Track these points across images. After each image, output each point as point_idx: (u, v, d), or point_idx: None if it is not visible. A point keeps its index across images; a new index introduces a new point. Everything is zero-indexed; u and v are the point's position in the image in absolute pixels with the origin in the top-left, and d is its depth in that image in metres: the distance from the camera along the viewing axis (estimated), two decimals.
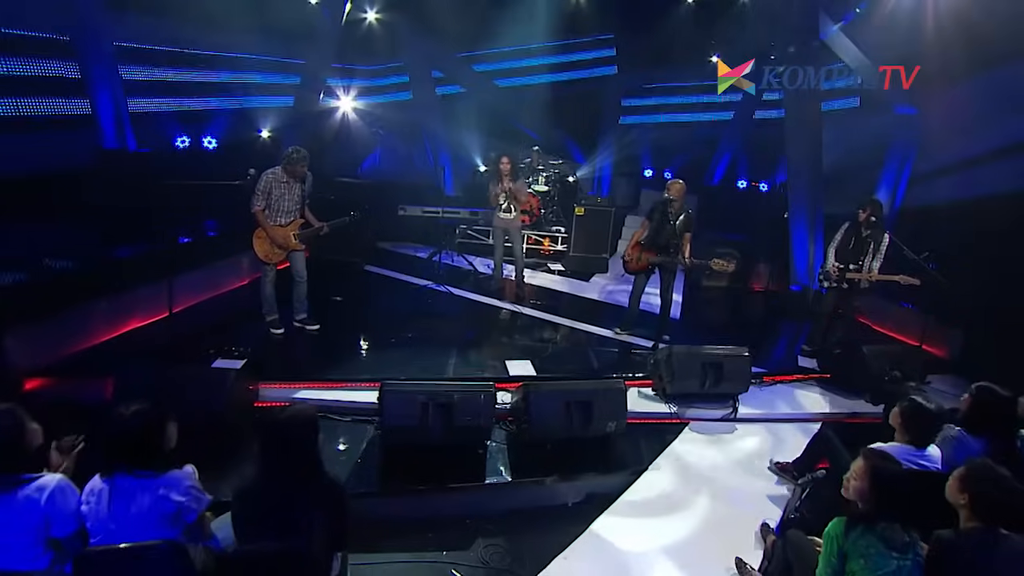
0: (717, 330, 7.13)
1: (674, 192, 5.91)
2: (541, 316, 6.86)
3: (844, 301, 6.22)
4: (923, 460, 3.17)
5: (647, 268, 6.14)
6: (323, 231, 5.64)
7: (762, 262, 8.85)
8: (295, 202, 5.47)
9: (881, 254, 5.94)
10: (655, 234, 6.01)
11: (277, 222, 5.43)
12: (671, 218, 5.92)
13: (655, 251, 6.02)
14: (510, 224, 7.04)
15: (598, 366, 5.66)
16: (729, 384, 5.09)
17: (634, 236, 6.20)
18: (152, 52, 8.05)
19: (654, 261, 6.04)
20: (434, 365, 5.35)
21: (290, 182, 5.38)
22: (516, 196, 6.89)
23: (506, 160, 6.78)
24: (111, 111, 7.29)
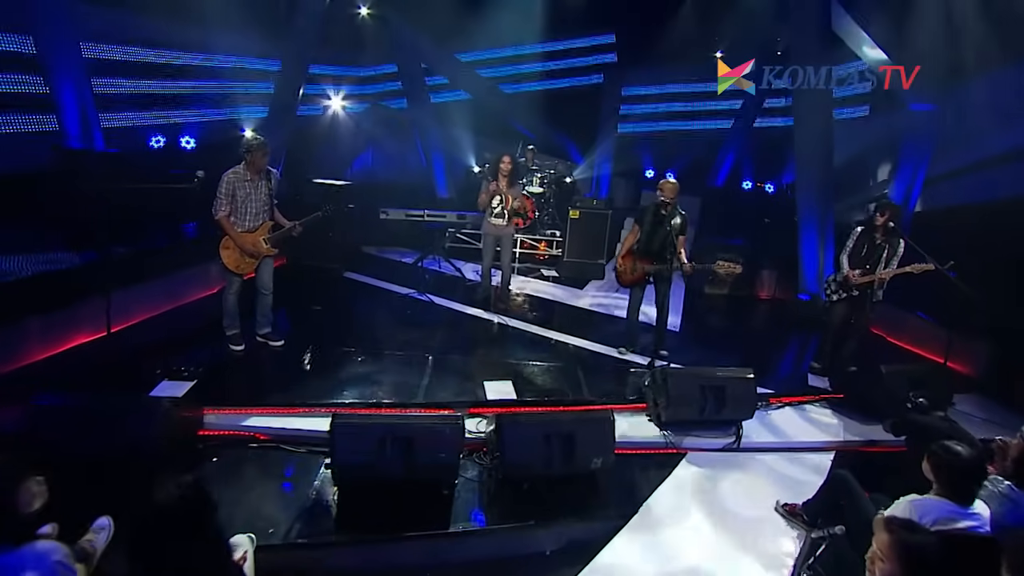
0: (719, 343, 6.55)
1: (667, 192, 5.35)
2: (529, 329, 6.30)
3: (856, 312, 5.63)
4: (969, 520, 2.59)
5: (644, 279, 5.57)
6: (296, 231, 5.11)
7: (768, 269, 8.25)
8: (263, 203, 4.94)
9: (897, 259, 5.36)
10: (648, 240, 5.45)
11: (245, 227, 4.90)
12: (665, 221, 5.35)
13: (650, 259, 5.46)
14: (503, 231, 6.45)
15: (588, 388, 5.08)
16: (731, 410, 4.52)
17: (624, 244, 5.64)
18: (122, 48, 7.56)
19: (650, 270, 5.47)
20: (404, 387, 4.80)
21: (255, 180, 4.85)
22: (512, 202, 6.31)
23: (507, 160, 6.20)
24: (75, 110, 6.80)
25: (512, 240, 6.70)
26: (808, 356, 6.15)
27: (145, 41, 7.76)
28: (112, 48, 7.50)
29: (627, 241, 5.62)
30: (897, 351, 6.64)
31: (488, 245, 6.54)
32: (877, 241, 5.37)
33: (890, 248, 5.33)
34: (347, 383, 4.80)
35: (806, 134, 7.34)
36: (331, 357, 5.21)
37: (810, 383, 5.60)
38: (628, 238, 5.63)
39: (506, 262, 6.63)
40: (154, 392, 4.25)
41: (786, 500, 3.91)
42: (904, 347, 6.71)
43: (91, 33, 7.16)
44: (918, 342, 6.59)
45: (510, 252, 6.66)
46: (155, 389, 4.28)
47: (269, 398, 4.49)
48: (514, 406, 4.65)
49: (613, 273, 5.84)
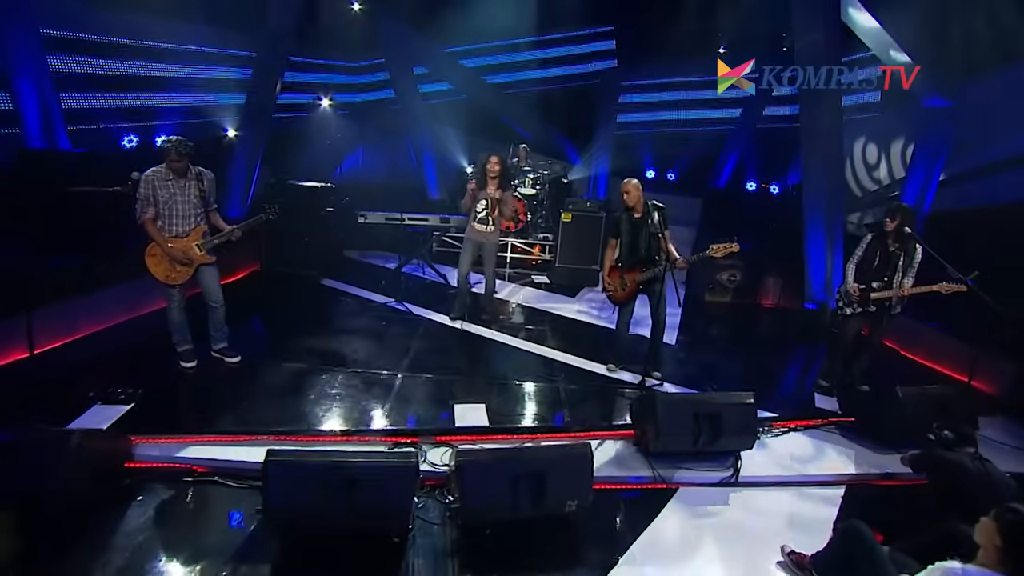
0: (718, 357, 5.99)
1: (632, 196, 4.85)
2: (511, 343, 5.77)
3: (871, 327, 5.09)
4: None
5: (637, 291, 5.04)
6: (235, 235, 4.61)
7: (773, 275, 7.69)
8: (192, 205, 4.45)
9: (914, 270, 4.81)
10: (631, 248, 4.93)
11: (173, 232, 4.41)
12: (642, 223, 4.84)
13: (639, 267, 4.93)
14: (487, 238, 5.83)
15: (570, 412, 4.56)
16: (729, 439, 3.98)
17: (606, 261, 5.12)
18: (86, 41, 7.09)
19: (642, 279, 4.94)
20: (365, 411, 4.31)
21: (179, 180, 4.36)
22: (500, 208, 5.66)
23: (495, 161, 5.54)
24: (36, 105, 6.34)
25: (496, 248, 6.04)
26: (814, 372, 5.60)
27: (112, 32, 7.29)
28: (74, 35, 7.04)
29: (607, 257, 5.10)
30: (912, 366, 6.07)
31: (467, 251, 5.93)
32: (891, 248, 4.82)
33: (906, 256, 4.78)
34: (303, 406, 4.30)
35: (813, 133, 6.78)
36: (291, 375, 4.71)
37: (817, 404, 5.04)
38: (607, 253, 5.11)
39: (489, 272, 6.01)
40: (81, 419, 3.79)
41: (792, 546, 3.37)
42: (920, 361, 6.14)
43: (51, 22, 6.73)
44: (936, 356, 6.01)
45: (494, 261, 6.00)
46: (82, 416, 3.81)
47: (215, 423, 4.02)
48: (485, 434, 4.16)
49: (605, 294, 5.28)
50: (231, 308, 5.90)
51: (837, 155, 6.68)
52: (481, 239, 5.84)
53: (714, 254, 4.85)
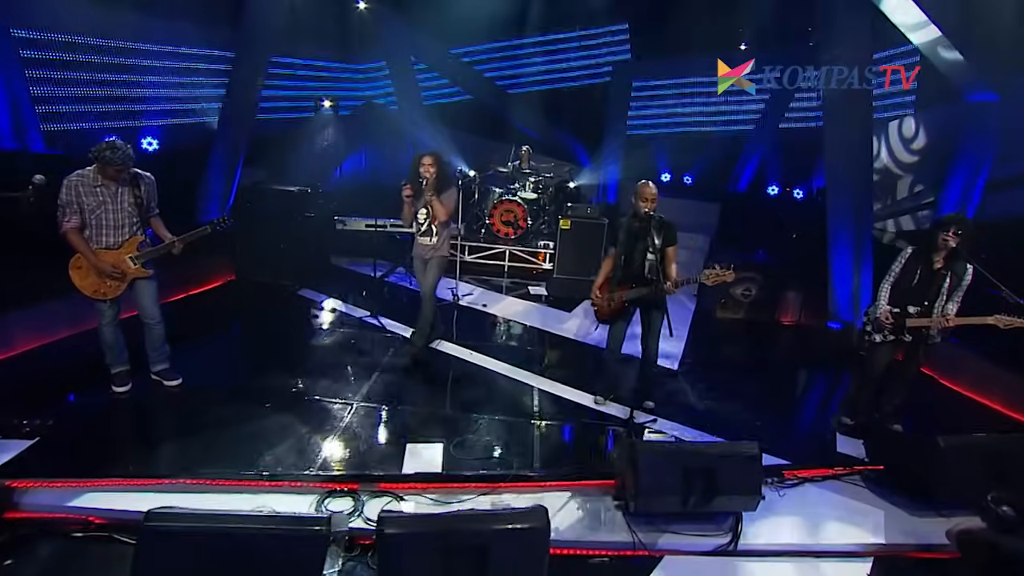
0: (725, 385, 5.18)
1: (647, 200, 4.10)
2: (489, 366, 5.09)
3: (904, 357, 4.27)
4: None
5: (624, 308, 4.34)
6: (176, 248, 4.05)
7: (793, 290, 6.84)
8: (126, 213, 3.91)
9: (961, 293, 3.99)
10: (626, 261, 4.21)
11: (103, 243, 3.87)
12: (643, 235, 4.12)
13: (631, 283, 4.22)
14: (433, 253, 4.87)
15: (541, 454, 3.86)
16: (727, 497, 3.24)
17: (601, 272, 4.40)
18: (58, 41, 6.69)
19: (633, 297, 4.23)
20: (305, 450, 3.68)
21: (110, 186, 3.82)
22: (436, 214, 4.73)
23: (429, 161, 4.60)
24: (6, 104, 5.95)
25: (441, 265, 4.96)
26: (836, 406, 4.78)
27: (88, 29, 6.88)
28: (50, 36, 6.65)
29: (604, 268, 4.39)
30: (954, 399, 5.20)
31: (418, 272, 5.05)
32: (935, 267, 4.00)
33: (953, 277, 3.96)
34: (235, 443, 3.71)
35: (838, 134, 5.95)
36: (233, 404, 4.12)
37: (839, 447, 4.24)
38: (605, 265, 4.39)
39: (427, 292, 4.98)
40: None
41: None
42: (963, 393, 5.26)
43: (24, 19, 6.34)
44: (984, 388, 5.14)
45: (436, 274, 4.97)
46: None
47: (128, 463, 3.44)
48: (436, 482, 3.51)
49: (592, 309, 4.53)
50: (196, 320, 5.41)
51: (865, 158, 5.85)
52: (427, 254, 4.91)
53: (705, 280, 4.11)
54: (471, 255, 8.22)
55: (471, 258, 8.22)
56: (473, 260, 8.21)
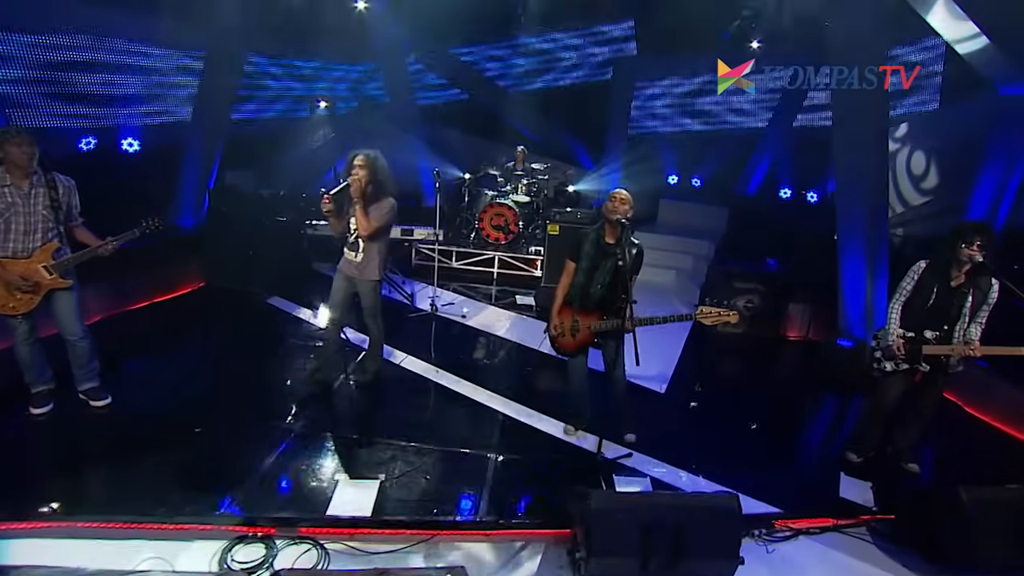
0: (717, 412, 4.61)
1: (620, 207, 3.55)
2: (453, 387, 4.57)
3: (921, 387, 3.66)
4: None
5: (592, 341, 3.77)
6: (104, 251, 3.63)
7: (802, 302, 6.20)
8: (41, 218, 3.49)
9: (987, 312, 3.37)
10: (586, 282, 3.65)
11: (10, 250, 3.46)
12: (612, 253, 3.57)
13: (598, 310, 3.67)
14: (360, 271, 4.03)
15: (492, 499, 3.33)
16: (698, 561, 2.68)
17: (559, 291, 3.79)
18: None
19: (602, 328, 3.66)
20: (224, 488, 3.22)
21: (20, 187, 3.42)
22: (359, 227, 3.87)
23: (360, 162, 3.77)
24: None
25: (372, 292, 4.13)
26: (842, 439, 4.16)
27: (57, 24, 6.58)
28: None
29: (561, 285, 3.77)
30: (981, 432, 4.54)
31: (336, 288, 4.17)
32: (954, 283, 3.39)
33: (976, 294, 3.34)
34: (146, 478, 3.27)
35: (850, 131, 5.31)
36: (156, 430, 3.68)
37: (843, 492, 3.62)
38: (563, 281, 3.76)
39: (369, 320, 4.27)
40: None
41: None
42: (993, 425, 4.60)
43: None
44: (1017, 421, 4.47)
45: (374, 303, 4.17)
46: None
47: (28, 499, 3.03)
48: (365, 527, 3.02)
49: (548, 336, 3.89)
50: (152, 330, 5.02)
51: (880, 157, 5.21)
52: (352, 272, 4.08)
53: (703, 320, 3.56)
54: (459, 261, 7.75)
55: (459, 264, 7.75)
56: (461, 267, 7.75)
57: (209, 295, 6.17)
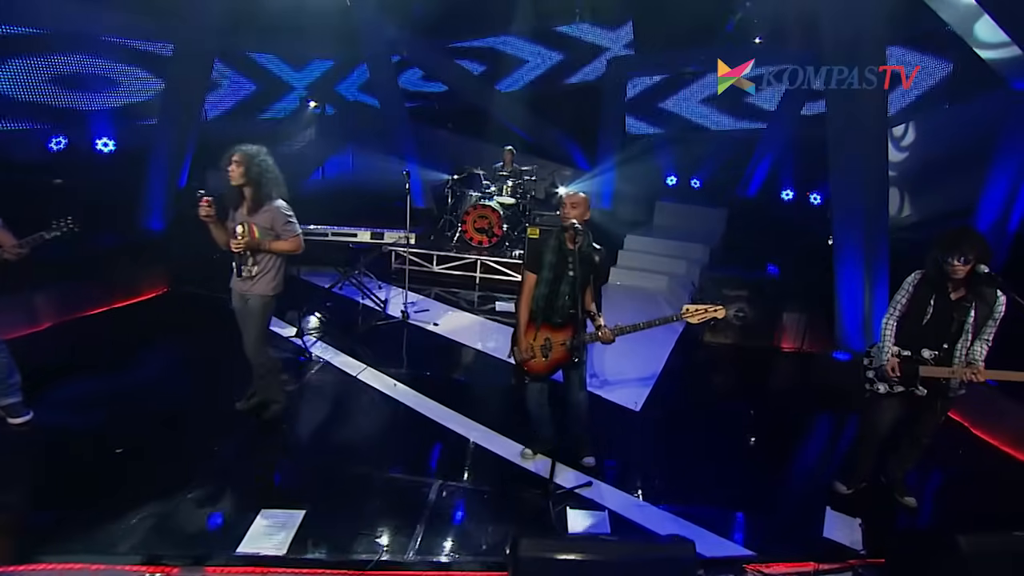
0: (693, 434, 4.19)
1: (571, 212, 3.17)
2: (407, 403, 4.19)
3: (919, 413, 3.22)
4: None
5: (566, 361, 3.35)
6: (14, 253, 3.34)
7: (797, 310, 5.76)
8: None
9: (993, 328, 2.94)
10: (552, 291, 3.25)
11: None
12: (575, 259, 3.18)
13: (570, 324, 3.28)
14: (248, 289, 3.46)
15: (427, 534, 2.96)
16: None
17: (521, 308, 3.33)
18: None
19: (581, 343, 3.26)
20: (133, 521, 2.88)
21: None
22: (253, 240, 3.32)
23: (237, 159, 3.25)
24: None
25: (264, 306, 3.48)
26: (833, 468, 3.73)
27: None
28: None
29: (523, 302, 3.32)
30: (989, 458, 4.07)
31: (237, 313, 3.62)
32: (954, 296, 2.96)
33: (980, 308, 2.91)
34: (44, 503, 2.95)
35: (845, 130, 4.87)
36: (76, 449, 3.38)
37: (826, 530, 3.19)
38: (523, 296, 3.32)
39: (250, 349, 3.59)
40: None
41: None
42: (1002, 450, 4.13)
43: None
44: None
45: (256, 324, 3.51)
46: None
47: None
48: (279, 566, 2.67)
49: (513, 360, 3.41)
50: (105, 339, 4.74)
51: (878, 157, 4.76)
52: (242, 288, 3.49)
53: (689, 318, 3.18)
54: (439, 265, 7.40)
55: (440, 268, 7.40)
56: (442, 271, 7.40)
57: (172, 301, 5.89)
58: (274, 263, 3.48)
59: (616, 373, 4.85)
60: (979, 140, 5.92)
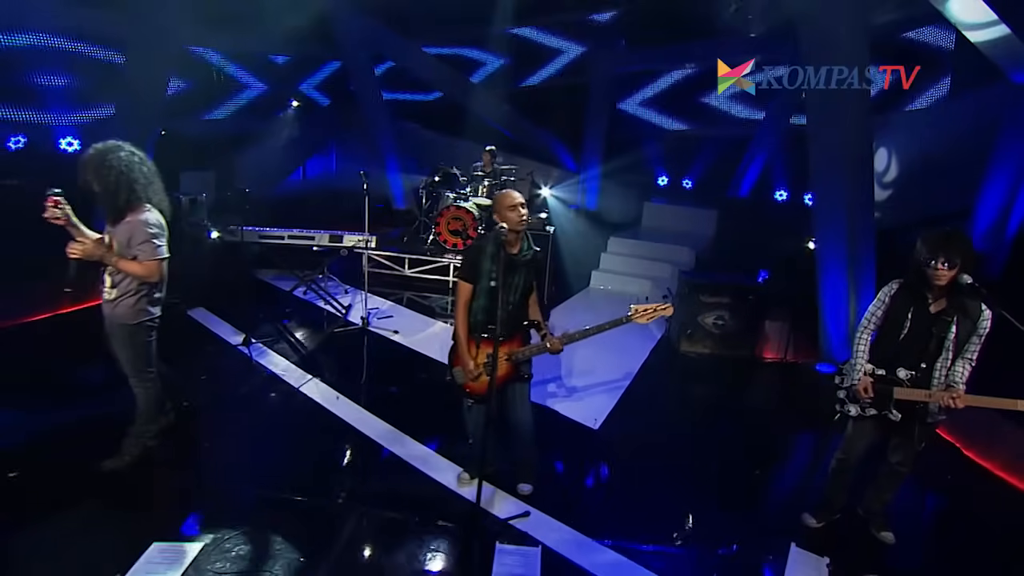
0: (656, 453, 3.81)
1: (514, 208, 2.84)
2: (347, 419, 3.84)
3: (897, 441, 2.85)
4: None
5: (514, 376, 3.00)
6: None
7: (780, 318, 5.38)
8: None
9: (977, 345, 2.57)
10: (491, 301, 2.88)
11: None
12: (520, 261, 2.87)
13: (518, 335, 2.96)
14: (111, 309, 2.90)
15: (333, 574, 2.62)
16: None
17: (459, 324, 2.96)
18: None
19: (528, 355, 2.95)
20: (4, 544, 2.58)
21: None
22: (96, 251, 2.73)
23: (83, 162, 2.71)
24: None
25: (133, 332, 2.91)
26: (805, 496, 3.35)
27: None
28: None
29: (460, 316, 2.95)
30: (981, 481, 3.68)
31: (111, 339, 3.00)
32: (933, 308, 2.59)
33: (962, 322, 2.53)
34: None
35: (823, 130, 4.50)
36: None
37: (789, 569, 2.81)
38: (460, 310, 2.95)
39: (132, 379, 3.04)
40: None
41: None
42: (995, 474, 3.73)
43: None
44: (1022, 472, 3.60)
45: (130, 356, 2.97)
46: None
47: None
48: None
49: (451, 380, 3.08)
50: (40, 349, 4.46)
51: (863, 156, 4.38)
52: (105, 313, 2.94)
53: (639, 318, 2.84)
54: (411, 269, 7.08)
55: (412, 272, 7.08)
56: (414, 275, 7.08)
57: None
58: (136, 285, 2.85)
59: (579, 386, 4.50)
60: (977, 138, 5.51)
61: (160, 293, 3.01)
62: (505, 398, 3.09)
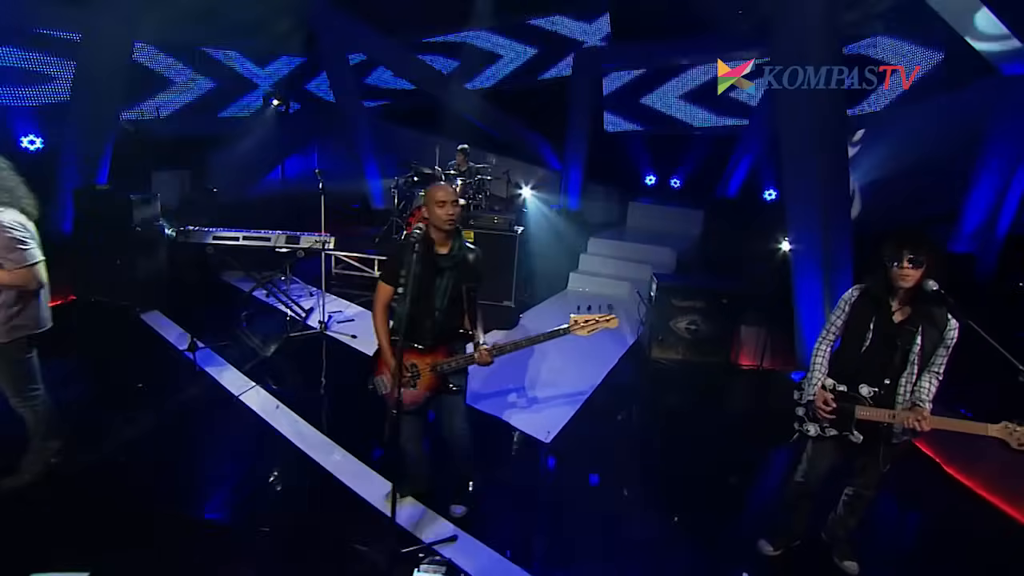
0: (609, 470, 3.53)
1: (445, 203, 2.58)
2: (282, 430, 3.58)
3: (863, 460, 2.57)
4: None
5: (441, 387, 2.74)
6: None
7: (756, 323, 5.08)
8: None
9: (944, 358, 2.29)
10: (418, 310, 2.60)
11: None
12: (449, 265, 2.61)
13: (443, 345, 2.71)
14: None
15: None
16: None
17: (378, 323, 2.70)
18: None
19: (455, 367, 2.69)
20: None
21: None
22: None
23: None
24: None
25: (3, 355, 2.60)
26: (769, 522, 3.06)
27: None
28: None
29: (379, 321, 2.70)
30: (962, 501, 3.38)
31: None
32: (897, 318, 2.31)
33: (927, 332, 2.25)
34: None
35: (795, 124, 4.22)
36: None
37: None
38: (378, 315, 2.69)
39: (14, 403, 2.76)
40: None
41: None
42: (977, 492, 3.43)
43: None
44: (1008, 490, 3.31)
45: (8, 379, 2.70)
46: None
47: None
48: None
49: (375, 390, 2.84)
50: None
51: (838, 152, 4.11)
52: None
53: (579, 330, 2.59)
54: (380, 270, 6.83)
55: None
56: None
57: (77, 309, 5.36)
58: (14, 297, 2.54)
59: (541, 396, 4.23)
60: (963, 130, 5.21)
61: (41, 303, 2.72)
62: (438, 412, 2.83)
